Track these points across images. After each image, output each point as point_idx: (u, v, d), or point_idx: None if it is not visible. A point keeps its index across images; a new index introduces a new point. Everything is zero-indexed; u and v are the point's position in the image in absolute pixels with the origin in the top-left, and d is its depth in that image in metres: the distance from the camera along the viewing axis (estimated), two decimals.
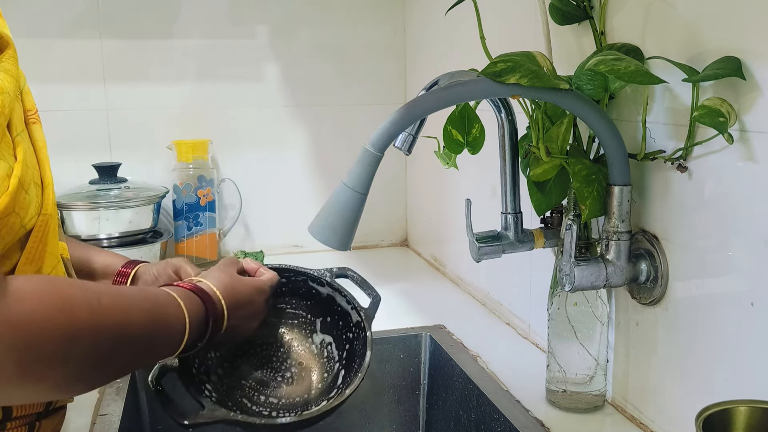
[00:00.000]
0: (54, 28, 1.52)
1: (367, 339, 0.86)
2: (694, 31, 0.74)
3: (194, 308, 0.72)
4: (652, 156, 0.79)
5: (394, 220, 1.80)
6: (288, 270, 0.93)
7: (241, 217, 1.66)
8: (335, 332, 0.92)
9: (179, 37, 1.59)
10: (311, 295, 0.94)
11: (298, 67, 1.67)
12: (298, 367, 0.91)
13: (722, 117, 0.67)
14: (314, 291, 0.93)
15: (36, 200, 0.64)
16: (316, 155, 1.72)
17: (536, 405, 0.93)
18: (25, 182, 0.61)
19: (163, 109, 1.61)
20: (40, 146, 0.70)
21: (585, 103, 0.78)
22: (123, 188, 1.48)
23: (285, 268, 0.93)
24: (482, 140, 0.94)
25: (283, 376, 0.90)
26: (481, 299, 1.34)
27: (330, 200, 0.77)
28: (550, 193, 0.90)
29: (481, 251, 0.93)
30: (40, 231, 0.64)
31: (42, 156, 0.69)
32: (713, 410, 0.59)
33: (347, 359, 0.89)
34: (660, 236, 0.82)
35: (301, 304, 0.94)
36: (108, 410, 0.94)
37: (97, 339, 0.57)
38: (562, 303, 0.89)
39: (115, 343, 0.59)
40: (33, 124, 0.70)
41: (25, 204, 0.61)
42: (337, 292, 0.92)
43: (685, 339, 0.79)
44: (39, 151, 0.69)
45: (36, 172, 0.66)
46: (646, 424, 0.86)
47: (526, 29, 1.08)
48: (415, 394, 1.18)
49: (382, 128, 0.75)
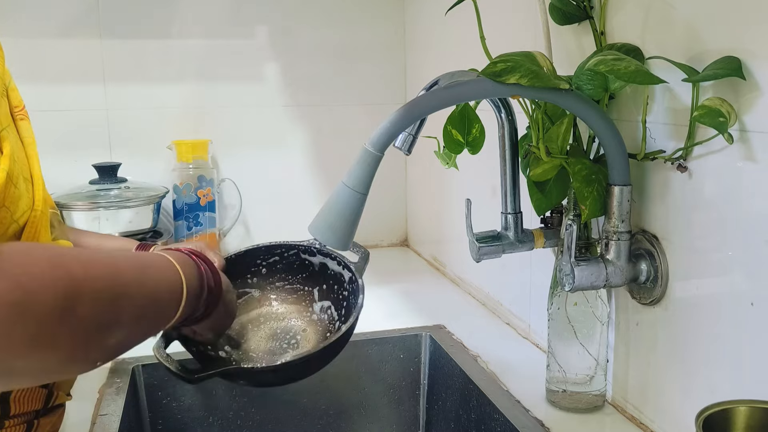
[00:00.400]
0: (54, 28, 1.52)
1: (359, 286, 0.87)
2: (694, 31, 0.74)
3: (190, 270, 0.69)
4: (652, 156, 0.79)
5: (394, 220, 1.80)
6: (279, 246, 0.93)
7: (241, 217, 1.66)
8: (332, 295, 0.93)
9: (179, 37, 1.59)
10: (305, 267, 0.94)
11: (298, 67, 1.67)
12: (302, 333, 0.92)
13: (722, 117, 0.67)
14: (307, 262, 0.94)
15: (27, 195, 0.64)
16: (316, 155, 1.72)
17: (536, 405, 0.93)
18: (14, 176, 0.61)
19: (163, 109, 1.61)
20: (29, 142, 0.69)
21: (585, 103, 0.78)
22: (123, 188, 1.48)
23: (275, 244, 0.93)
24: (482, 140, 0.94)
25: (289, 342, 0.91)
26: (481, 299, 1.34)
27: (330, 200, 0.77)
28: (550, 193, 0.90)
29: (481, 251, 0.93)
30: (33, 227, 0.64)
31: (30, 152, 0.69)
32: (713, 410, 0.59)
33: (346, 315, 0.90)
34: (660, 236, 0.82)
35: (297, 278, 0.94)
36: (108, 410, 0.94)
37: (95, 292, 0.55)
38: (562, 303, 0.89)
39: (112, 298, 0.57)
40: (21, 121, 0.70)
41: (14, 198, 0.61)
42: (328, 257, 0.93)
43: (685, 339, 0.79)
44: (27, 147, 0.69)
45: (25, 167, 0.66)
46: (646, 424, 0.86)
47: (526, 29, 1.08)
48: (415, 394, 1.18)
49: (382, 128, 0.75)
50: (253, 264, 0.94)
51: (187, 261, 0.70)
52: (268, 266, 0.94)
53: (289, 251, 0.94)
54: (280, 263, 0.94)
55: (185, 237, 1.56)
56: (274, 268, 0.93)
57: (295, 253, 0.94)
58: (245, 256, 0.93)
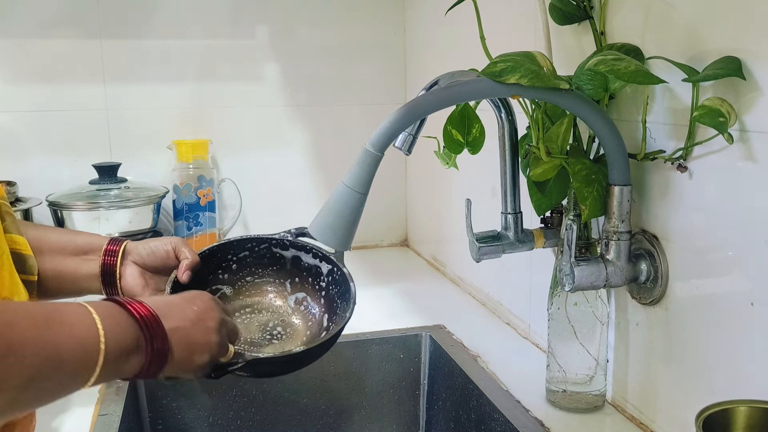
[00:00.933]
0: (54, 28, 1.52)
1: (345, 275, 0.88)
2: (694, 31, 0.74)
3: (115, 324, 0.59)
4: (652, 156, 0.79)
5: (394, 220, 1.80)
6: (250, 240, 0.93)
7: (241, 217, 1.66)
8: (308, 287, 0.93)
9: (179, 37, 1.59)
10: (276, 259, 0.94)
11: (298, 67, 1.67)
12: (282, 325, 0.92)
13: (722, 117, 0.67)
14: (278, 255, 0.93)
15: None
16: (316, 155, 1.72)
17: (536, 405, 0.93)
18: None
19: (163, 109, 1.61)
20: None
21: (585, 103, 0.78)
22: (123, 188, 1.48)
23: (246, 238, 0.93)
24: (482, 140, 0.94)
25: (272, 334, 0.91)
26: (481, 299, 1.34)
27: (330, 200, 0.77)
28: (550, 193, 0.90)
29: (481, 251, 0.93)
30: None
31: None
32: (713, 410, 0.59)
33: (326, 306, 0.90)
34: (660, 236, 0.82)
35: (267, 271, 0.94)
36: (108, 410, 0.95)
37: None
38: (562, 303, 0.89)
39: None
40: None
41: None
42: (302, 250, 0.92)
43: (685, 339, 0.79)
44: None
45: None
46: (646, 424, 0.86)
47: (526, 29, 1.08)
48: (415, 394, 1.18)
49: (382, 128, 0.75)
50: (225, 259, 0.93)
51: (114, 313, 0.60)
52: (238, 261, 0.93)
53: (260, 245, 0.93)
54: (250, 257, 0.93)
55: (185, 237, 1.56)
56: (244, 262, 0.92)
57: (266, 246, 0.93)
58: (217, 251, 0.92)
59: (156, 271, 0.89)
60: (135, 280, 0.87)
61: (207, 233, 1.58)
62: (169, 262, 0.88)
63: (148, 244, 0.89)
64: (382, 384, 1.17)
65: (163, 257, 0.88)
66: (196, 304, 0.69)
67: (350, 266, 0.98)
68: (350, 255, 1.68)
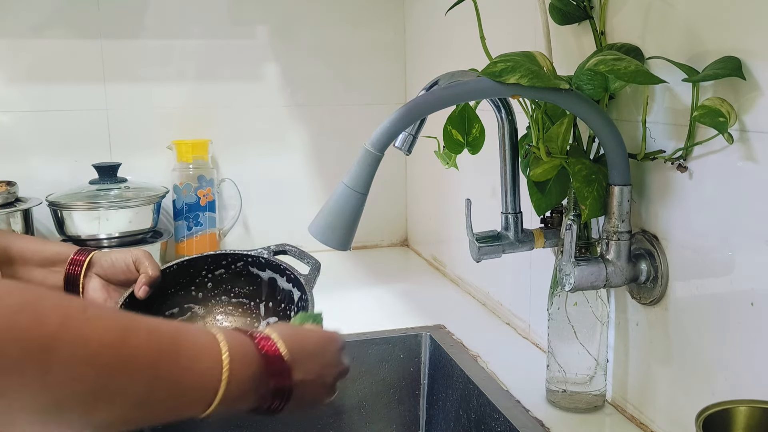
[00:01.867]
0: (54, 28, 1.52)
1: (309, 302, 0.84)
2: (694, 31, 0.74)
3: (239, 345, 0.57)
4: (652, 156, 0.79)
5: (394, 220, 1.80)
6: (226, 256, 0.90)
7: (241, 217, 1.66)
8: (280, 313, 0.91)
9: (179, 37, 1.59)
10: (252, 279, 0.91)
11: (298, 67, 1.67)
12: None
13: (722, 117, 0.67)
14: (254, 274, 0.91)
15: None
16: (316, 155, 1.72)
17: (536, 405, 0.93)
18: None
19: (163, 109, 1.61)
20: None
21: (585, 103, 0.78)
22: (123, 188, 1.48)
23: (222, 253, 0.91)
24: (482, 140, 0.94)
25: None
26: (481, 299, 1.34)
27: (330, 200, 0.77)
28: (550, 193, 0.90)
29: (481, 251, 0.93)
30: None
31: None
32: (713, 410, 0.59)
33: None
34: (660, 236, 0.82)
35: (243, 291, 0.92)
36: None
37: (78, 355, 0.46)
38: (562, 303, 0.89)
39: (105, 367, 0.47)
40: None
41: None
42: (278, 272, 0.89)
43: (685, 339, 0.79)
44: None
45: None
46: (646, 424, 0.86)
47: (526, 29, 1.08)
48: (415, 394, 1.18)
49: (382, 128, 0.75)
50: (198, 275, 0.90)
51: (246, 352, 0.57)
52: (214, 279, 0.91)
53: (236, 262, 0.90)
54: (226, 274, 0.90)
55: (185, 237, 1.56)
56: (220, 279, 0.89)
57: (242, 264, 0.90)
58: (189, 266, 0.89)
59: (120, 284, 0.88)
60: (96, 293, 0.86)
61: (207, 233, 1.58)
62: (130, 275, 0.87)
63: (109, 256, 0.88)
64: (382, 384, 1.17)
65: (124, 270, 0.87)
66: (326, 354, 0.68)
67: (350, 266, 0.98)
68: (350, 255, 1.69)
